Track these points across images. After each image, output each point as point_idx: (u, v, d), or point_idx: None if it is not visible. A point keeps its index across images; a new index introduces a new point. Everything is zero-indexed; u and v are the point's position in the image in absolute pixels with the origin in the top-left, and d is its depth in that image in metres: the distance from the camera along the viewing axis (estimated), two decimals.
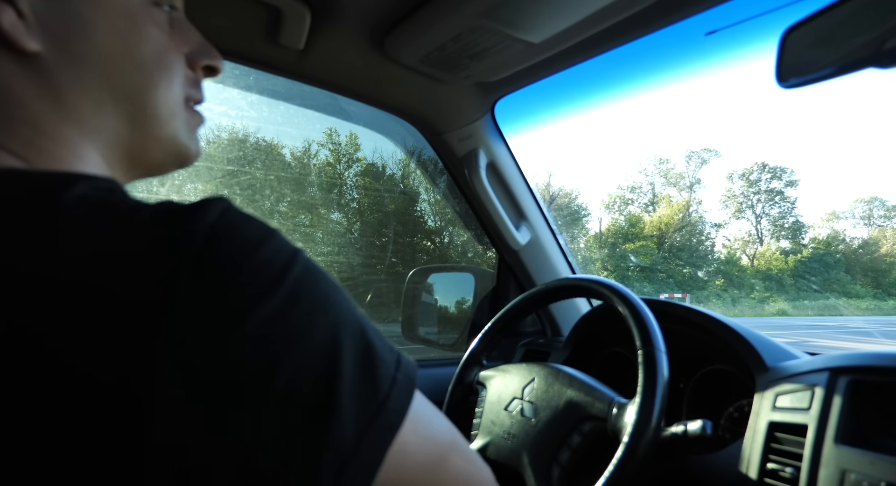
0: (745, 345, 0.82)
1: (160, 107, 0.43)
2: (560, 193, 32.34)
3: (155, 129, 0.43)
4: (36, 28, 0.37)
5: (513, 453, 0.80)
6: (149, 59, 0.42)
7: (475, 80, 1.00)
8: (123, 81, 0.41)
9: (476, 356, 0.99)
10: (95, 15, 0.39)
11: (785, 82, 0.63)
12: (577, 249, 31.08)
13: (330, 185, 10.17)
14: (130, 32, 0.41)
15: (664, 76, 0.98)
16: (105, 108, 0.40)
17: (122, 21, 0.40)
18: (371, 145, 9.98)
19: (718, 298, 28.20)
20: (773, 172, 35.14)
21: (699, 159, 35.99)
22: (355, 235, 9.57)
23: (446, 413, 0.96)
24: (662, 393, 0.69)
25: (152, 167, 0.46)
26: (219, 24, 0.84)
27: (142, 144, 0.43)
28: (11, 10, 0.36)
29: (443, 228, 8.25)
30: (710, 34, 0.76)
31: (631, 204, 35.71)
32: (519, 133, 1.30)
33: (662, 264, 29.91)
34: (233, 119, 6.74)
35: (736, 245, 34.96)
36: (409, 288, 1.45)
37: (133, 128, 0.42)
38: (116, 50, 0.40)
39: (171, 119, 0.44)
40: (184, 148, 0.46)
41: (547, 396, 0.81)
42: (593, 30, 0.81)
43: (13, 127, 0.37)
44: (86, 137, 0.40)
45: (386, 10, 0.82)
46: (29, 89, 0.38)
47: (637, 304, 0.78)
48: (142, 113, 0.42)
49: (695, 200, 34.91)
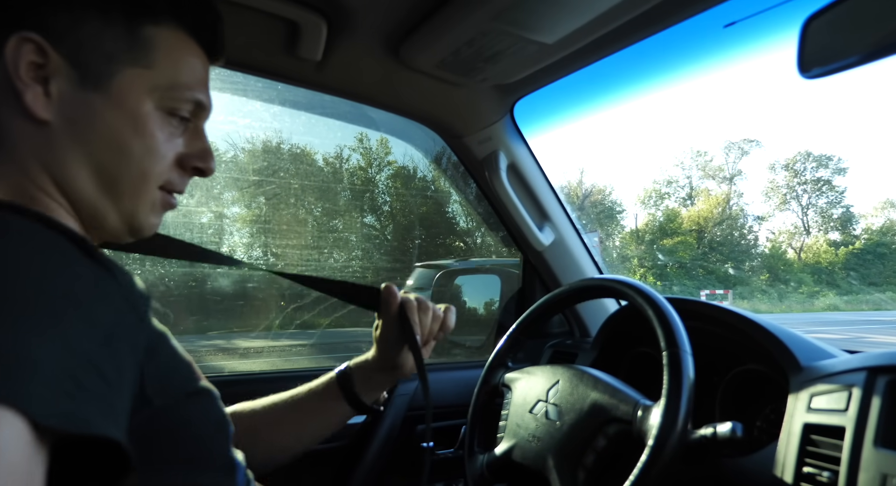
0: (777, 344, 0.79)
1: (129, 187, 0.51)
2: (593, 189, 31.86)
3: (121, 201, 0.51)
4: (55, 105, 0.46)
5: (538, 456, 0.80)
6: (136, 153, 0.50)
7: (492, 82, 1.00)
8: (108, 160, 0.49)
9: (501, 358, 0.99)
10: (107, 111, 0.48)
11: (808, 72, 0.61)
12: (613, 246, 30.53)
13: (362, 190, 10.29)
14: (130, 132, 0.49)
15: (685, 70, 0.95)
16: (82, 173, 0.48)
17: (128, 120, 0.49)
18: (401, 149, 10.06)
19: (764, 293, 27.18)
20: (819, 160, 33.68)
21: (739, 150, 34.84)
22: (388, 237, 9.65)
23: (472, 416, 0.97)
24: (688, 395, 0.67)
25: (107, 233, 0.53)
26: (238, 40, 0.87)
27: (105, 212, 0.50)
28: (41, 89, 0.45)
29: (471, 230, 8.24)
30: (729, 26, 0.74)
31: (667, 198, 34.85)
32: (541, 133, 1.29)
33: (702, 259, 29.08)
34: (264, 131, 6.90)
35: (781, 238, 33.65)
36: (436, 290, 1.46)
37: (101, 196, 0.50)
38: (113, 140, 0.49)
39: (136, 197, 0.52)
40: (138, 222, 0.53)
41: (571, 398, 0.80)
42: (608, 27, 0.80)
43: (2, 159, 0.46)
44: (59, 190, 0.48)
45: (400, 18, 0.83)
46: (26, 143, 0.46)
47: (661, 304, 0.76)
48: (113, 187, 0.50)
49: (735, 193, 33.78)
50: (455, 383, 1.32)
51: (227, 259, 0.78)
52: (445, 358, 1.55)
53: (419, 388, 1.26)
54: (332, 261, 7.90)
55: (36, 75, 0.45)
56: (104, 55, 0.47)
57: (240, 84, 1.10)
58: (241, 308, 6.75)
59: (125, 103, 0.48)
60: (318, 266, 7.45)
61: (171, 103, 0.51)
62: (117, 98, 0.48)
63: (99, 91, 0.47)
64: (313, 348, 5.14)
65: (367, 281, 7.21)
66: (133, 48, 0.49)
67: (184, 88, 0.52)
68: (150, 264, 5.52)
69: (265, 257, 8.11)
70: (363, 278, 7.97)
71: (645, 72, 1.09)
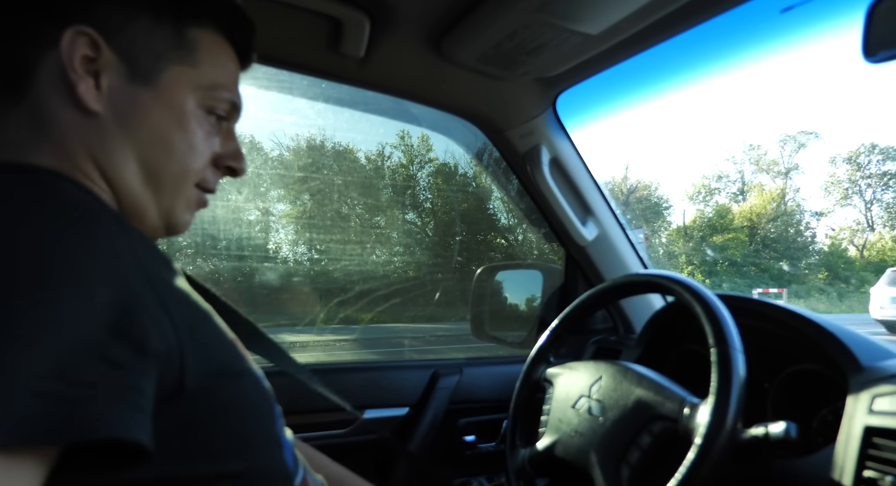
0: (835, 342, 0.76)
1: (170, 182, 0.53)
2: (638, 185, 30.99)
3: (161, 196, 0.53)
4: (105, 97, 0.48)
5: (580, 451, 0.79)
6: (179, 148, 0.52)
7: (534, 75, 0.99)
8: (153, 154, 0.51)
9: (543, 354, 0.98)
10: (154, 106, 0.50)
11: (873, 56, 0.58)
12: (659, 243, 29.64)
13: (404, 186, 10.38)
14: (176, 126, 0.52)
15: (737, 59, 0.91)
16: (129, 165, 0.50)
17: (173, 116, 0.51)
18: (442, 146, 10.08)
19: (822, 292, 25.77)
20: (886, 153, 31.63)
21: (796, 143, 33.10)
22: (429, 234, 9.69)
23: (514, 410, 0.97)
24: (738, 393, 0.65)
25: (146, 230, 0.54)
26: (282, 37, 0.89)
27: (145, 205, 0.52)
28: (92, 81, 0.47)
29: (513, 226, 8.19)
30: (786, 11, 0.70)
31: (717, 194, 33.51)
32: (585, 126, 1.27)
33: (754, 256, 27.83)
34: (308, 128, 7.06)
35: (841, 235, 31.83)
36: (477, 286, 1.46)
37: (142, 187, 0.51)
38: (158, 134, 0.51)
39: (176, 193, 0.54)
40: (174, 218, 0.55)
41: (615, 394, 0.79)
42: (655, 16, 0.78)
43: (49, 147, 0.47)
44: (104, 179, 0.50)
45: (441, 13, 0.83)
46: (75, 132, 0.48)
47: (709, 299, 0.74)
48: (156, 181, 0.52)
49: (791, 188, 32.15)
50: (497, 377, 1.32)
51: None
52: (487, 353, 1.55)
53: (461, 381, 1.27)
54: (374, 257, 8.01)
55: (88, 68, 0.47)
56: (153, 52, 0.50)
57: (285, 82, 1.13)
58: (287, 302, 6.92)
59: (171, 99, 0.51)
60: (360, 261, 7.57)
61: (211, 102, 0.54)
62: (164, 94, 0.50)
63: (147, 86, 0.50)
64: (356, 343, 5.23)
65: (410, 276, 7.25)
66: (180, 47, 0.51)
67: (222, 88, 0.55)
68: (202, 259, 5.74)
69: (309, 252, 8.30)
70: (405, 274, 8.05)
71: (694, 61, 1.05)
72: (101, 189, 0.49)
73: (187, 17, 0.52)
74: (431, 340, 6.89)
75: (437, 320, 6.24)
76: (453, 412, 1.24)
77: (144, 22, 0.50)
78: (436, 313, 6.22)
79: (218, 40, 0.55)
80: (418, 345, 6.68)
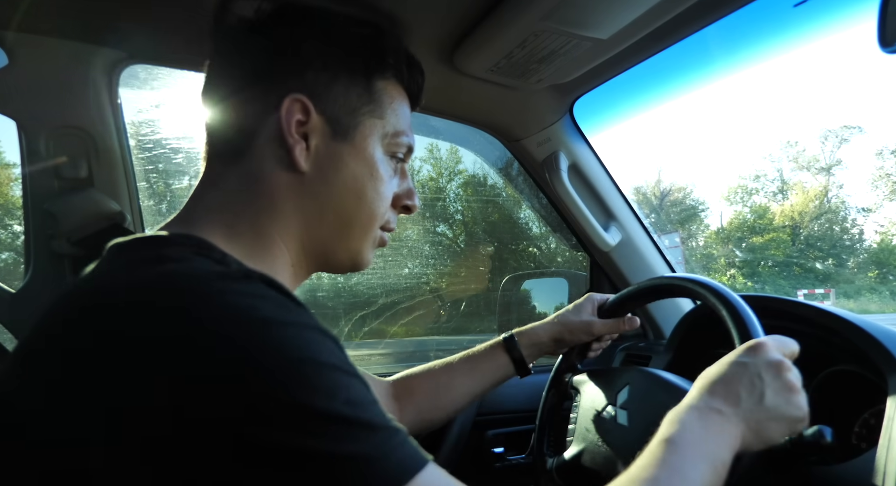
0: (873, 343, 0.72)
1: (362, 228, 0.57)
2: (672, 188, 30.32)
3: (350, 241, 0.57)
4: (312, 157, 0.53)
5: (607, 461, 0.78)
6: (371, 196, 0.56)
7: (548, 83, 0.99)
8: (346, 203, 0.55)
9: (569, 361, 0.97)
10: (352, 159, 0.55)
11: (890, 46, 0.57)
12: (696, 246, 28.84)
13: (433, 199, 10.43)
14: (368, 177, 0.56)
15: (753, 54, 0.89)
16: (324, 217, 0.54)
17: (366, 166, 0.55)
18: (470, 158, 10.12)
19: (873, 292, 24.51)
20: None
21: (838, 138, 31.82)
22: (462, 246, 9.70)
23: (540, 419, 0.95)
24: None
25: (330, 267, 0.59)
26: None
27: (334, 250, 0.57)
28: (304, 143, 0.52)
29: (544, 235, 8.12)
30: (799, 5, 0.69)
31: (755, 194, 32.46)
32: (607, 129, 1.26)
33: (798, 257, 26.75)
34: None
35: (893, 230, 30.32)
36: (503, 295, 1.46)
37: (335, 236, 0.56)
38: (354, 184, 0.55)
39: (364, 237, 0.58)
40: (361, 259, 0.59)
41: (642, 402, 0.78)
42: (665, 17, 0.78)
43: (260, 205, 0.52)
44: (284, 239, 0.53)
45: (451, 26, 0.84)
46: (283, 190, 0.52)
47: (733, 300, 0.72)
48: (347, 229, 0.56)
49: (834, 184, 30.88)
50: (525, 387, 1.30)
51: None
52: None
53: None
54: (407, 271, 8.05)
55: (300, 131, 0.52)
56: (350, 109, 0.54)
57: None
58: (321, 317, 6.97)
59: (364, 151, 0.55)
60: (409, 274, 7.61)
61: (394, 148, 0.58)
62: (358, 147, 0.55)
63: (346, 142, 0.54)
64: (382, 358, 5.22)
65: (436, 286, 7.18)
66: (371, 101, 0.56)
67: (403, 133, 0.59)
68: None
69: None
70: (432, 284, 8.06)
71: (710, 59, 1.03)
72: (286, 247, 0.54)
73: (375, 72, 0.56)
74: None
75: (467, 331, 6.21)
76: (481, 423, 1.24)
77: (343, 81, 0.54)
78: (467, 324, 6.20)
79: (398, 89, 0.59)
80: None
